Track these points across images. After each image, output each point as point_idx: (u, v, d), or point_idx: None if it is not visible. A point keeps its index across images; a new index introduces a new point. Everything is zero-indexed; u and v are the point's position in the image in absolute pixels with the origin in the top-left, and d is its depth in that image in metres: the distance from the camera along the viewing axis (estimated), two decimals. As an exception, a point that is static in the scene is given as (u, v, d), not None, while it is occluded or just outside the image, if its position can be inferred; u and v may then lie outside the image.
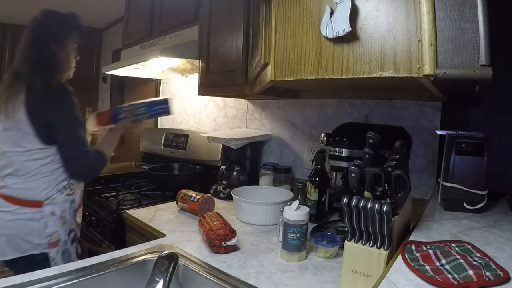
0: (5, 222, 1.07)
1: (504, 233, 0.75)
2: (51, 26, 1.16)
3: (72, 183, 1.16)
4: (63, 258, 1.12)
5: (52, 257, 1.09)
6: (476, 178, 0.91)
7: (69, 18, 1.21)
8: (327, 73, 0.72)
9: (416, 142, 1.23)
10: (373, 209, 0.63)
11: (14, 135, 1.08)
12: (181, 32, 1.69)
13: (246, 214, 1.21)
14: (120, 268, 0.84)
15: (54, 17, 1.18)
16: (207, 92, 1.60)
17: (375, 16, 0.65)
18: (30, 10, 1.50)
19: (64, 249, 1.13)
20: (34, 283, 0.72)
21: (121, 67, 1.91)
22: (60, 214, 1.12)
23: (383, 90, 1.23)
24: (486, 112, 1.18)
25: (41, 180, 1.09)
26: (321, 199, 1.19)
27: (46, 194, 1.10)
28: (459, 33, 0.57)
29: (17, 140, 1.08)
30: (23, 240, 1.07)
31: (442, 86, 0.74)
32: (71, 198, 1.16)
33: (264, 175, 1.52)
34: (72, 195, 1.16)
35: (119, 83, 3.05)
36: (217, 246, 0.92)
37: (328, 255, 0.92)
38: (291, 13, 0.79)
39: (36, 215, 1.08)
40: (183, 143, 2.00)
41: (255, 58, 1.08)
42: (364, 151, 0.73)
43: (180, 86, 2.35)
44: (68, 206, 1.15)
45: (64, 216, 1.13)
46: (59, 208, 1.12)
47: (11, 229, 1.07)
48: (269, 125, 1.73)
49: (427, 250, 0.62)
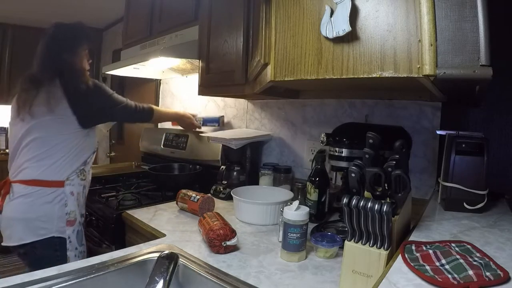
0: (25, 207, 1.17)
1: (504, 233, 0.75)
2: (62, 39, 1.32)
3: (84, 169, 1.32)
4: (77, 238, 1.25)
5: (68, 235, 1.22)
6: (476, 178, 0.90)
7: (78, 28, 1.37)
8: (327, 73, 0.72)
9: (416, 142, 1.23)
10: (373, 209, 0.63)
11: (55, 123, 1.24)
12: (181, 32, 1.69)
13: (246, 214, 1.21)
14: (120, 268, 0.83)
15: (65, 29, 1.34)
16: (207, 92, 1.60)
17: (375, 16, 0.65)
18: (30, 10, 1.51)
19: (78, 229, 1.27)
20: (34, 283, 0.72)
21: (121, 67, 1.91)
22: (76, 196, 1.27)
23: (383, 90, 1.23)
24: (486, 112, 1.18)
25: (67, 161, 1.25)
26: (321, 199, 1.19)
27: (68, 174, 1.25)
28: (459, 33, 0.57)
29: (57, 126, 1.24)
30: (43, 223, 1.17)
31: (442, 86, 0.74)
32: (84, 183, 1.32)
33: (264, 175, 1.52)
34: (84, 180, 1.32)
35: (119, 83, 3.05)
36: (217, 246, 0.92)
37: (328, 255, 0.92)
38: (291, 13, 0.79)
39: (57, 196, 1.22)
40: (183, 143, 2.00)
41: (255, 58, 1.08)
42: (364, 151, 0.73)
43: (180, 86, 2.35)
44: (81, 190, 1.30)
45: (79, 199, 1.28)
46: (76, 189, 1.27)
47: (29, 213, 1.17)
48: (269, 125, 1.73)
49: (427, 250, 0.62)
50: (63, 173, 1.24)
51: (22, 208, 1.17)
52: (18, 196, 1.18)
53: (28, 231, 1.16)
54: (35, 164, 1.21)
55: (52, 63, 1.27)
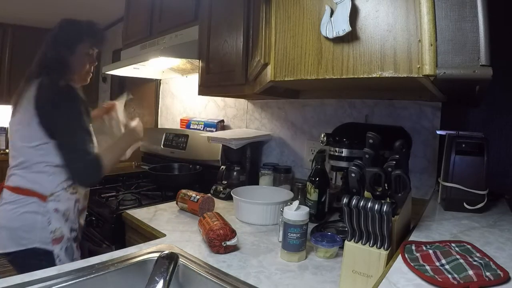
0: (9, 214, 1.09)
1: (504, 233, 0.75)
2: (63, 33, 1.21)
3: None
4: (67, 255, 1.13)
5: (56, 254, 1.10)
6: (476, 178, 0.90)
7: (84, 25, 1.24)
8: (327, 73, 0.72)
9: (416, 142, 1.23)
10: (373, 209, 0.63)
11: (24, 130, 1.11)
12: (181, 32, 1.69)
13: (246, 214, 1.21)
14: (120, 268, 0.83)
15: (68, 25, 1.23)
16: (207, 92, 1.60)
17: (375, 16, 0.65)
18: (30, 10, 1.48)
19: (67, 245, 1.14)
20: (34, 283, 0.72)
21: (121, 67, 1.91)
22: (63, 212, 1.13)
23: (383, 90, 1.23)
24: (486, 112, 1.18)
25: (47, 175, 1.11)
26: (321, 199, 1.19)
27: (51, 190, 1.11)
28: (459, 33, 0.57)
29: (26, 134, 1.11)
30: (25, 233, 1.08)
31: (442, 86, 0.74)
32: (75, 197, 1.17)
33: (264, 175, 1.52)
34: (75, 194, 1.17)
35: (119, 83, 3.05)
36: (217, 246, 0.92)
37: (328, 255, 0.92)
38: (291, 13, 0.79)
39: (40, 208, 1.09)
40: (183, 143, 2.00)
41: (255, 58, 1.08)
42: (364, 151, 0.73)
43: (180, 86, 2.35)
44: (72, 205, 1.16)
45: (67, 214, 1.14)
46: (63, 205, 1.13)
47: (14, 221, 1.08)
48: (269, 125, 1.73)
49: (427, 250, 0.62)
50: (46, 187, 1.11)
51: (7, 216, 1.09)
52: (4, 203, 1.11)
53: (11, 240, 1.08)
54: (19, 171, 1.12)
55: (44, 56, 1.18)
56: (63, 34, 1.21)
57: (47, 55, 1.18)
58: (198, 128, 2.03)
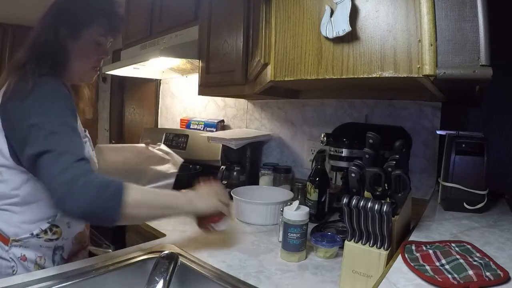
0: None
1: (504, 233, 0.75)
2: (68, 9, 0.86)
3: (56, 225, 0.84)
4: None
5: None
6: (476, 178, 0.90)
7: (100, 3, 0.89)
8: (327, 73, 0.72)
9: (416, 142, 1.23)
10: (373, 209, 0.63)
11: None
12: (181, 32, 1.68)
13: (246, 214, 1.21)
14: (120, 268, 0.83)
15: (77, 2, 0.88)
16: (207, 92, 1.60)
17: (375, 16, 0.65)
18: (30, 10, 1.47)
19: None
20: (34, 283, 0.72)
21: (121, 67, 1.91)
22: (35, 260, 0.82)
23: (383, 90, 1.23)
24: (486, 112, 1.18)
25: (10, 214, 0.80)
26: (321, 199, 1.19)
27: (15, 233, 0.80)
28: (459, 33, 0.57)
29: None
30: None
31: (442, 86, 0.74)
32: (53, 245, 0.85)
33: (264, 175, 1.52)
34: (55, 241, 0.85)
35: (119, 83, 3.05)
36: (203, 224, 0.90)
37: (328, 255, 0.92)
38: (291, 13, 0.79)
39: (2, 253, 0.80)
40: (183, 143, 2.00)
41: (255, 58, 1.07)
42: (364, 151, 0.73)
43: (180, 86, 2.35)
44: (49, 253, 0.85)
45: (40, 263, 0.83)
46: (33, 253, 0.82)
47: None
48: (269, 125, 1.73)
49: (427, 250, 0.62)
50: (5, 230, 0.80)
51: None
52: None
53: None
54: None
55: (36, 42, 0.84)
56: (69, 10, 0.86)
57: (40, 38, 0.84)
58: (198, 128, 2.03)
